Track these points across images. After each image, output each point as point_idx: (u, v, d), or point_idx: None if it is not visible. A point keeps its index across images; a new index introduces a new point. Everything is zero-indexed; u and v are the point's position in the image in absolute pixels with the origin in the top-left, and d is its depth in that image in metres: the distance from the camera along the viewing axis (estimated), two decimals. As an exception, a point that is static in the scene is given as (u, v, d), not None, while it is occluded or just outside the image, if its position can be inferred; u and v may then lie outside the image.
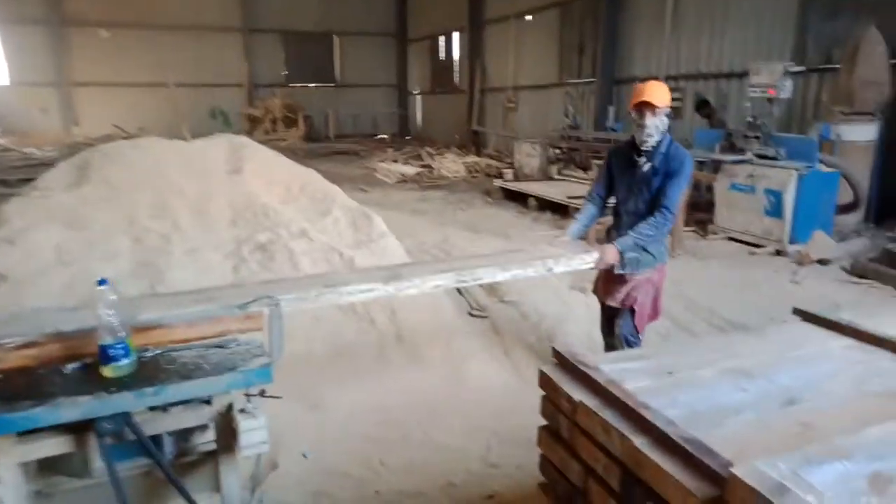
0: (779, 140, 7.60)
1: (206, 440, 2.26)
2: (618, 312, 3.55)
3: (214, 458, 2.24)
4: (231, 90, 21.79)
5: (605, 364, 2.03)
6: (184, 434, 2.22)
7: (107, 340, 2.01)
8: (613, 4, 12.74)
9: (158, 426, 2.09)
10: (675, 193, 3.33)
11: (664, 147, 3.36)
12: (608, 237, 3.62)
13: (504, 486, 2.87)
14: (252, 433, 2.07)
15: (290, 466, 2.96)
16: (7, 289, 3.58)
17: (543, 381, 2.09)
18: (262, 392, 2.18)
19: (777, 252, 6.87)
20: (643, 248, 3.39)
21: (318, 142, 20.07)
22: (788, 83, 7.68)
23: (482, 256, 3.73)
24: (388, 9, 23.74)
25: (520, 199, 10.49)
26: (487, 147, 17.66)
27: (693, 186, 8.33)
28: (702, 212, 8.44)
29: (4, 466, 1.88)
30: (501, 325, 4.58)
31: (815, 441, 1.53)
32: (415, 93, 23.73)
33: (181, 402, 2.09)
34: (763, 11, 9.71)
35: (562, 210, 9.33)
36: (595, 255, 3.37)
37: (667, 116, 3.35)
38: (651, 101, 3.26)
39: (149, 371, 2.07)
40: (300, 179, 4.97)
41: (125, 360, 2.04)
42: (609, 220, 3.81)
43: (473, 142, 18.03)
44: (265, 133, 19.84)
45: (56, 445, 1.94)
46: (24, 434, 1.87)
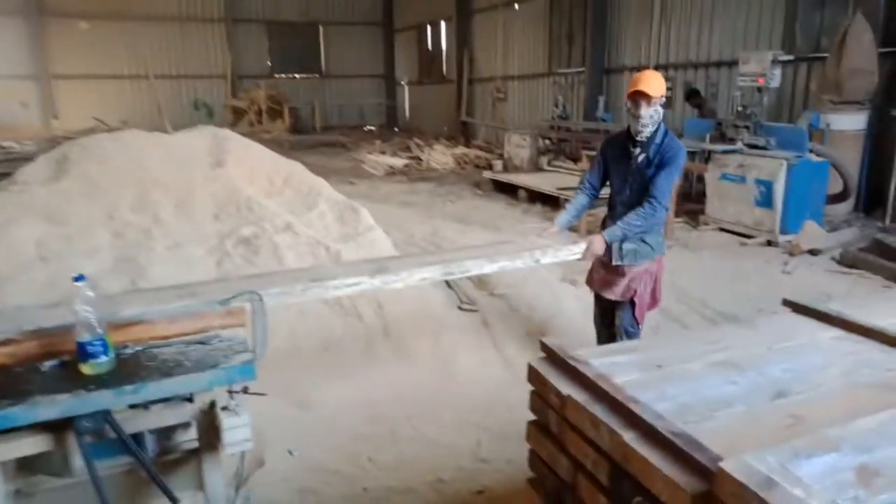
0: (769, 129, 7.60)
1: (189, 438, 2.24)
2: (616, 304, 3.51)
3: (198, 456, 2.22)
4: (214, 82, 21.53)
5: (595, 358, 2.01)
6: (166, 432, 2.20)
7: (85, 337, 1.99)
8: (602, -7, 12.69)
9: (139, 424, 2.07)
10: (665, 184, 3.30)
11: (659, 138, 3.33)
12: (603, 227, 3.56)
13: (494, 482, 2.86)
14: (235, 431, 2.04)
15: (277, 463, 2.93)
16: (-13, 285, 3.53)
17: (532, 376, 2.07)
18: (245, 389, 2.14)
19: (768, 242, 6.88)
20: (641, 240, 3.36)
21: (304, 134, 19.91)
22: (777, 72, 7.69)
23: (470, 248, 3.70)
24: (375, -3, 23.49)
25: (509, 191, 10.45)
26: (477, 138, 17.58)
27: (684, 177, 8.34)
28: (693, 202, 8.45)
29: (-18, 466, 1.85)
30: (491, 319, 4.55)
31: (805, 433, 1.52)
32: (402, 83, 23.51)
33: (162, 400, 2.06)
34: (752, 0, 9.69)
35: (552, 201, 9.30)
36: (583, 246, 3.34)
37: (662, 107, 3.32)
38: (646, 91, 3.22)
39: (129, 368, 2.05)
40: (285, 172, 4.91)
41: (104, 358, 2.01)
42: (600, 212, 3.79)
43: (462, 133, 17.96)
44: (250, 125, 19.65)
45: (35, 444, 1.90)
46: (2, 433, 1.84)
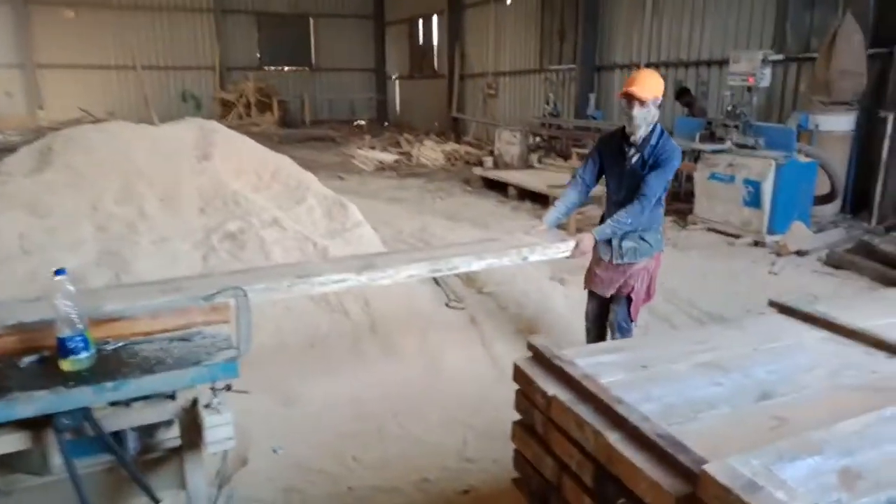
0: (758, 129, 7.61)
1: (171, 436, 2.21)
2: (612, 299, 3.54)
3: (180, 455, 2.19)
4: (203, 73, 21.24)
5: (581, 358, 2.00)
6: (148, 430, 2.17)
7: (65, 333, 1.95)
8: (594, -10, 12.67)
9: (120, 422, 2.04)
10: (657, 183, 3.30)
11: (654, 139, 3.32)
12: (601, 224, 3.56)
13: (480, 481, 2.84)
14: (217, 429, 2.01)
15: (261, 462, 2.90)
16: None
17: (518, 375, 2.06)
18: (229, 387, 2.12)
19: (755, 243, 6.88)
20: (640, 238, 3.38)
21: (294, 127, 19.69)
22: (767, 71, 7.70)
23: (458, 245, 3.68)
24: (366, -11, 23.30)
25: (499, 188, 10.42)
26: (467, 134, 17.52)
27: (673, 176, 8.34)
28: (681, 202, 8.46)
29: (-42, 464, 1.82)
30: (479, 316, 4.53)
31: (789, 436, 1.52)
32: (393, 77, 23.30)
33: (144, 397, 2.03)
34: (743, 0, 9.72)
35: (542, 199, 9.29)
36: (571, 244, 3.33)
37: (657, 108, 3.30)
38: (636, 94, 3.21)
39: (109, 365, 2.02)
40: (273, 166, 4.87)
41: (84, 354, 1.98)
42: (588, 209, 3.78)
43: (453, 129, 17.88)
44: (238, 118, 19.49)
45: (12, 442, 1.87)
46: (-20, 430, 1.80)
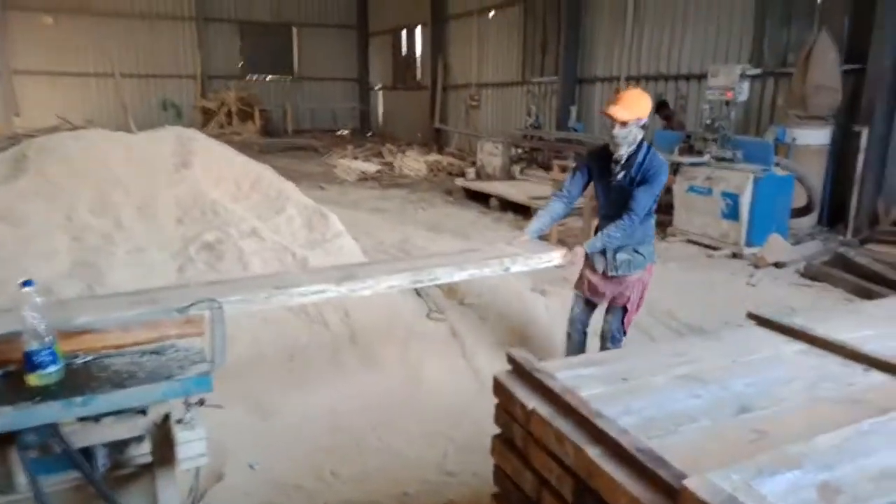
0: (736, 142, 7.70)
1: (143, 452, 2.15)
2: (607, 309, 3.63)
3: (151, 472, 2.14)
4: (184, 82, 21.09)
5: (561, 371, 1.99)
6: (118, 446, 2.11)
7: (32, 346, 1.90)
8: (575, 4, 12.78)
9: (89, 438, 1.98)
10: (645, 198, 3.34)
11: (641, 157, 3.35)
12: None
13: (460, 495, 2.81)
14: (190, 445, 1.97)
15: (237, 478, 2.84)
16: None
17: (498, 388, 2.03)
18: (202, 401, 2.07)
19: (734, 255, 6.95)
20: (634, 250, 3.44)
21: (276, 136, 19.65)
22: (745, 86, 7.82)
23: (439, 256, 3.66)
24: (349, 0, 23.28)
25: (481, 199, 10.44)
26: (450, 145, 17.56)
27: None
28: (660, 213, 8.52)
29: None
30: (461, 328, 4.49)
31: (768, 449, 1.52)
32: (376, 88, 23.36)
33: (114, 413, 1.98)
34: (721, 15, 9.87)
35: (523, 210, 9.32)
36: (553, 255, 3.35)
37: (641, 129, 3.32)
38: (614, 116, 3.24)
39: (78, 379, 1.96)
40: (253, 175, 4.81)
41: (52, 368, 1.92)
42: (569, 221, 3.80)
43: (436, 140, 17.93)
44: (220, 126, 19.37)
45: (-26, 460, 1.80)
46: (-60, 448, 1.75)
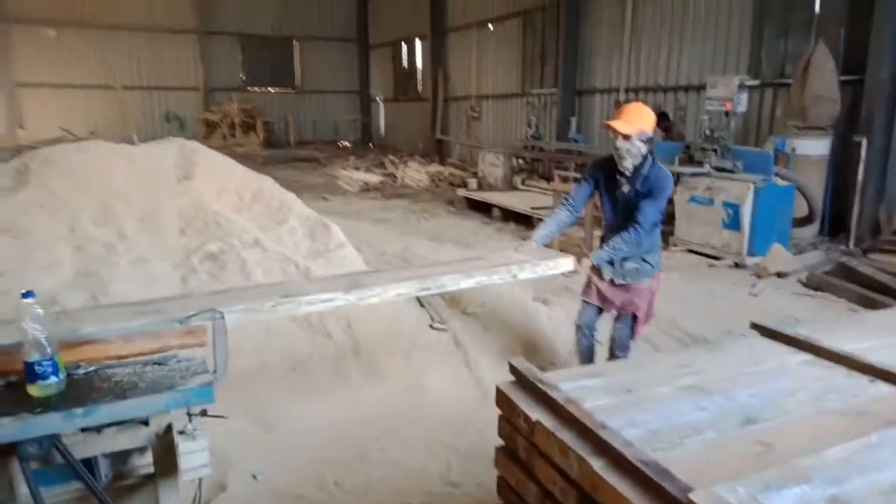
0: (736, 153, 7.71)
1: (145, 463, 2.14)
2: (617, 317, 3.67)
3: (154, 482, 2.12)
4: (187, 94, 21.17)
5: (564, 382, 1.98)
6: (121, 456, 2.10)
7: (33, 357, 1.89)
8: (574, 16, 12.86)
9: (91, 448, 1.98)
10: (651, 211, 3.39)
11: (646, 169, 3.38)
12: (602, 244, 3.68)
13: (463, 507, 2.79)
14: (192, 456, 1.95)
15: (239, 488, 2.82)
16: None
17: (500, 399, 2.02)
18: (204, 412, 2.06)
19: (736, 264, 6.94)
20: (642, 259, 3.50)
21: (278, 148, 19.74)
22: (744, 97, 7.83)
23: (446, 264, 3.66)
24: (350, 14, 23.44)
25: (483, 209, 10.47)
26: (451, 156, 17.61)
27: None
28: (662, 224, 8.51)
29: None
30: (463, 338, 4.48)
31: (775, 463, 1.51)
32: (377, 100, 23.51)
33: (116, 423, 1.97)
34: (719, 27, 9.91)
35: (525, 220, 9.34)
36: (562, 261, 3.39)
37: (644, 142, 3.32)
38: (616, 129, 3.27)
39: (80, 390, 1.95)
40: (255, 186, 4.81)
41: (53, 379, 1.91)
42: (571, 230, 3.82)
43: (437, 151, 17.99)
44: (222, 138, 19.45)
45: (-25, 472, 1.79)
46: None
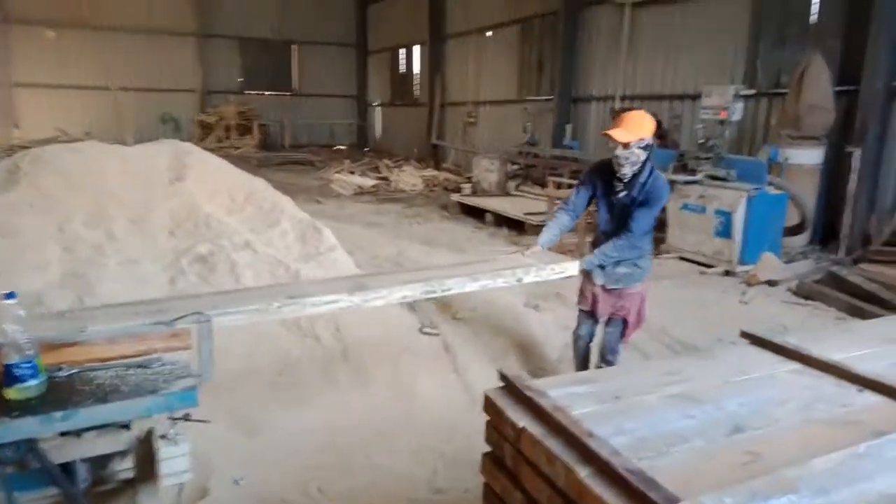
0: (729, 161, 7.73)
1: (126, 467, 2.11)
2: (607, 322, 3.67)
3: (134, 487, 2.09)
4: (183, 96, 21.16)
5: (553, 389, 1.95)
6: (101, 461, 2.07)
7: (13, 359, 1.86)
8: (572, 25, 12.91)
9: (70, 453, 1.95)
10: (644, 220, 3.41)
11: (644, 177, 3.38)
12: (594, 247, 3.68)
13: (449, 513, 2.76)
14: (173, 461, 1.93)
15: (221, 493, 2.78)
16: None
17: (488, 406, 2.00)
18: (187, 416, 2.04)
19: (727, 272, 6.94)
20: (634, 264, 3.50)
21: (274, 151, 19.70)
22: (739, 106, 7.85)
23: (451, 267, 3.68)
24: (348, 19, 23.52)
25: (477, 214, 10.46)
26: (446, 161, 17.62)
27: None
28: (655, 231, 8.52)
29: None
30: (453, 343, 4.46)
31: (762, 472, 1.49)
32: (374, 104, 23.58)
33: (96, 427, 1.94)
34: (715, 37, 9.96)
35: (518, 226, 9.34)
36: (567, 265, 3.42)
37: (643, 149, 3.32)
38: (614, 138, 3.27)
39: (60, 393, 1.92)
40: (247, 188, 4.79)
41: (32, 381, 1.89)
42: (564, 237, 3.83)
43: (432, 155, 18.01)
44: (218, 140, 19.43)
45: (-51, 476, 1.77)
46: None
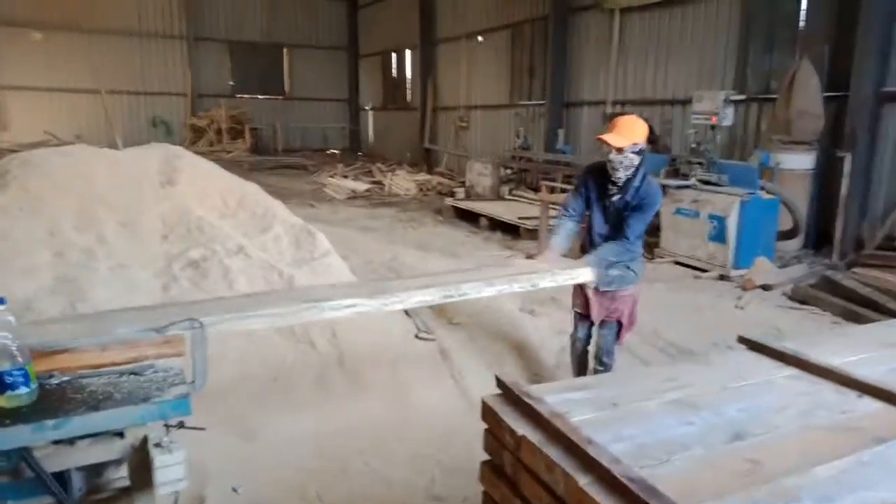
0: (721, 166, 7.77)
1: (121, 476, 2.08)
2: (601, 324, 3.68)
3: (129, 496, 2.06)
4: (174, 99, 21.08)
5: (550, 395, 1.94)
6: (95, 469, 2.04)
7: (3, 366, 1.83)
8: (562, 30, 12.95)
9: (64, 461, 1.92)
10: (638, 225, 3.43)
11: (637, 181, 3.40)
12: (582, 251, 3.72)
13: (446, 521, 2.75)
14: (168, 469, 1.90)
15: (218, 500, 2.75)
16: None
17: (486, 413, 1.98)
18: (181, 423, 2.01)
19: (721, 277, 6.96)
20: (626, 266, 3.51)
21: (266, 155, 19.65)
22: (730, 111, 7.90)
23: (467, 271, 3.72)
24: (340, 23, 23.51)
25: (471, 219, 10.46)
26: (440, 165, 17.62)
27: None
28: (648, 235, 8.55)
29: None
30: (449, 349, 4.45)
31: (763, 480, 1.48)
32: (366, 108, 23.56)
33: (90, 435, 1.91)
34: (705, 42, 10.02)
35: (512, 230, 9.34)
36: (581, 270, 3.43)
37: (637, 153, 3.34)
38: (608, 143, 3.29)
39: (52, 401, 1.90)
40: (239, 193, 4.76)
41: (23, 389, 1.86)
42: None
43: (425, 160, 18.00)
44: (210, 144, 19.35)
45: (-59, 485, 1.75)
46: None
